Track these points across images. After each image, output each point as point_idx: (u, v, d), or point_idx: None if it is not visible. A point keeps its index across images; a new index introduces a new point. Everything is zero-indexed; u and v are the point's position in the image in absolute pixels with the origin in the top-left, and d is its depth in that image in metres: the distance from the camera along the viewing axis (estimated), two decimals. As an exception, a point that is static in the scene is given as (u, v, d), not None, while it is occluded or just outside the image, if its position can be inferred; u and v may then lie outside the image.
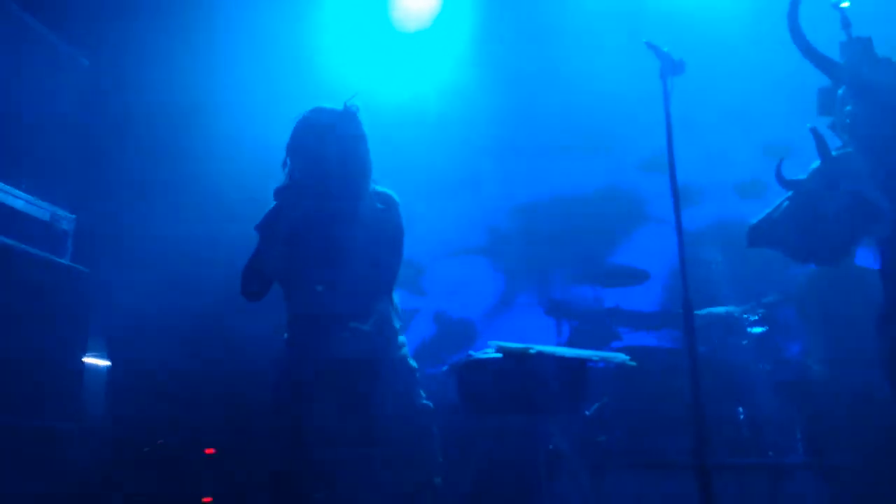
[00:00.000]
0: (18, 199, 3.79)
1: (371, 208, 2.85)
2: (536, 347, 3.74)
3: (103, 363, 4.84)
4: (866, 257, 3.43)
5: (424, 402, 2.92)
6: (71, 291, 3.89)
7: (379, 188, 2.95)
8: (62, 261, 3.94)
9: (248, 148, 4.65)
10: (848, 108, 2.69)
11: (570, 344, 5.35)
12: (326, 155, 2.82)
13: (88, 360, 4.65)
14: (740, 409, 4.32)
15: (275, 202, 2.87)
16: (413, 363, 2.96)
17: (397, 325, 2.95)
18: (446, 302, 6.27)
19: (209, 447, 4.48)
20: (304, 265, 2.83)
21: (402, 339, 2.96)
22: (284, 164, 2.90)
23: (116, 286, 4.60)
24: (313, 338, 2.81)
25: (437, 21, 5.37)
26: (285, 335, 2.92)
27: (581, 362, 3.84)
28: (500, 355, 3.75)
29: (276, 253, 2.81)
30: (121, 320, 4.72)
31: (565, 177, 6.06)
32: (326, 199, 2.85)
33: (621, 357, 3.87)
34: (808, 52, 2.75)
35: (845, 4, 2.76)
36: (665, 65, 2.81)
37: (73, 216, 4.18)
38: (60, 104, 4.31)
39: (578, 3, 5.03)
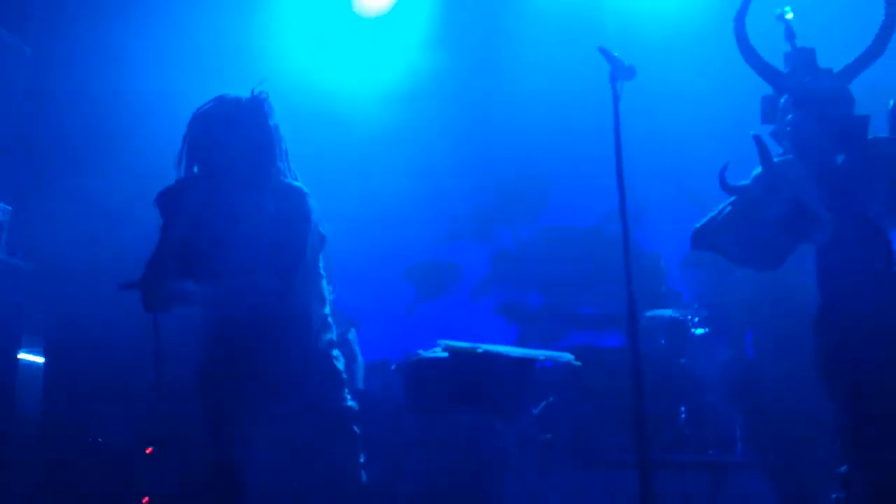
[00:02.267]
0: (-48, 191, 3.66)
1: (276, 201, 2.67)
2: (484, 347, 3.76)
3: (39, 360, 4.70)
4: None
5: (349, 404, 2.82)
6: (5, 286, 3.77)
7: (290, 181, 2.78)
8: (-4, 254, 3.81)
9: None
10: (789, 116, 2.76)
11: (518, 343, 5.38)
12: (224, 146, 2.66)
13: (23, 356, 4.52)
14: (682, 408, 4.40)
15: (176, 186, 2.70)
16: (338, 364, 2.83)
17: (322, 314, 2.81)
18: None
19: (148, 446, 4.39)
20: (207, 257, 2.65)
21: (327, 337, 2.82)
22: (179, 160, 2.73)
23: (53, 281, 4.47)
24: (230, 353, 2.68)
25: (397, 6, 5.37)
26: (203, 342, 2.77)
27: (528, 362, 3.86)
28: (447, 354, 3.75)
29: (179, 237, 2.64)
30: (57, 316, 4.59)
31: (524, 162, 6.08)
32: (225, 191, 2.68)
33: (567, 356, 3.90)
34: (753, 60, 2.82)
35: (790, 16, 2.83)
36: (615, 69, 2.84)
37: (10, 208, 4.06)
38: (0, 93, 4.17)
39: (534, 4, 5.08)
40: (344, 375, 2.85)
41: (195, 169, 2.73)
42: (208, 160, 2.70)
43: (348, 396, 2.83)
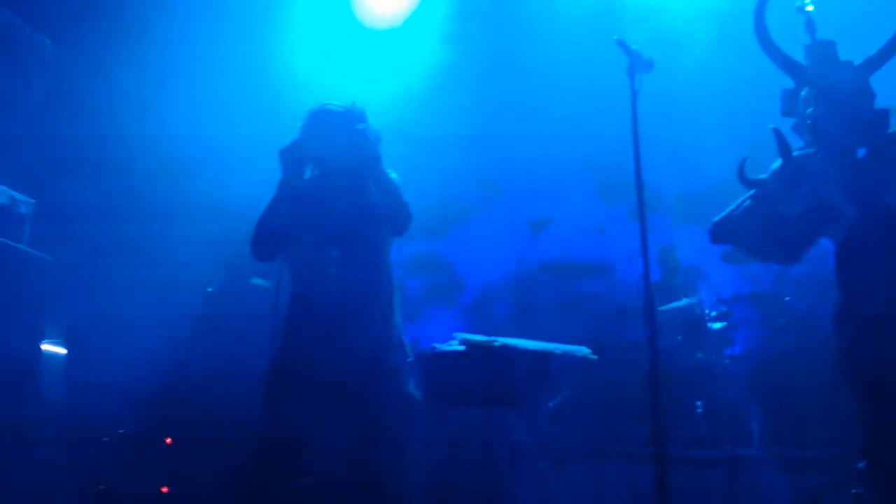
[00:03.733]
0: (-25, 183, 3.71)
1: (377, 191, 2.99)
2: (500, 340, 3.76)
3: (62, 351, 4.75)
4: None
5: (413, 390, 2.99)
6: (28, 277, 3.81)
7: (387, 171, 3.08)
8: (20, 246, 3.86)
9: (213, 142, 4.62)
10: (810, 109, 2.73)
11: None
12: (339, 142, 3.00)
13: (46, 347, 4.57)
14: (698, 403, 4.39)
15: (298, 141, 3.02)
16: (407, 349, 3.03)
17: (397, 310, 3.00)
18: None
19: (168, 437, 4.44)
20: (313, 232, 2.96)
21: (398, 319, 3.01)
22: (294, 155, 3.02)
23: (76, 272, 4.52)
24: (317, 337, 2.84)
25: (410, 20, 5.37)
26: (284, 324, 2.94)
27: (544, 355, 3.86)
28: (463, 347, 3.76)
29: (282, 219, 2.95)
30: (80, 307, 4.64)
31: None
32: (333, 179, 3.00)
33: (583, 350, 3.90)
34: (773, 53, 2.79)
35: (810, 8, 2.81)
36: (633, 62, 2.83)
37: (33, 201, 4.10)
38: (23, 86, 4.22)
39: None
40: (410, 360, 3.05)
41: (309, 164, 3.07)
42: (323, 154, 3.03)
43: (411, 382, 3.00)
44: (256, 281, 4.54)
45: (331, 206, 2.99)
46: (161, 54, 4.84)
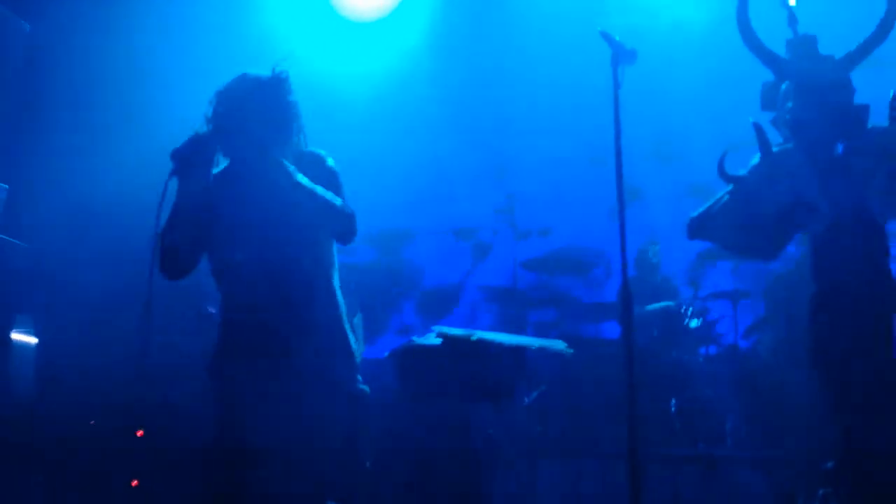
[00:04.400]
0: (-53, 166, 3.64)
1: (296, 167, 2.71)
2: (478, 334, 3.74)
3: (32, 340, 4.68)
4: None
5: (361, 386, 2.84)
6: (0, 264, 3.75)
7: (311, 149, 2.84)
8: (-9, 230, 3.79)
9: (190, 123, 4.54)
10: (790, 103, 2.74)
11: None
12: (248, 121, 2.69)
13: (16, 336, 4.50)
14: (672, 401, 4.39)
15: (194, 137, 2.68)
16: (353, 345, 2.85)
17: (339, 295, 2.82)
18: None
19: (139, 429, 4.37)
20: (226, 225, 2.68)
21: (342, 310, 2.82)
22: (202, 133, 2.71)
23: (48, 259, 4.45)
24: (250, 328, 2.66)
25: (396, 11, 5.36)
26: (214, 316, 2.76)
27: (521, 349, 3.85)
28: (440, 341, 3.74)
29: (199, 200, 2.65)
30: (51, 295, 4.57)
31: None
32: (245, 162, 2.72)
33: (560, 345, 3.89)
34: (755, 45, 2.80)
35: (792, 2, 2.81)
36: (617, 53, 2.82)
37: (6, 186, 4.04)
38: (-1, 71, 4.16)
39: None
40: (357, 357, 2.86)
41: (217, 143, 2.73)
42: (230, 133, 2.71)
43: (360, 378, 2.83)
44: None
45: (247, 204, 2.67)
46: (140, 40, 4.77)
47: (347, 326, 2.83)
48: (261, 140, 2.69)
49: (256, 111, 2.70)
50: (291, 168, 2.65)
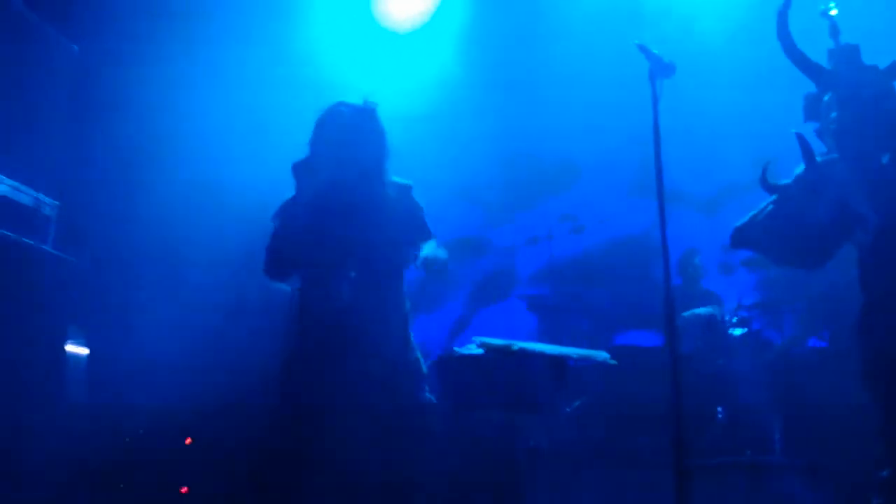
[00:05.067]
0: (2, 185, 3.75)
1: (388, 197, 2.93)
2: (519, 344, 3.75)
3: (83, 351, 4.81)
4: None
5: (427, 395, 2.96)
6: (52, 278, 3.86)
7: (395, 179, 3.01)
8: (44, 247, 3.91)
9: (236, 141, 4.64)
10: (833, 114, 2.71)
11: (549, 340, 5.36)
12: (347, 146, 2.89)
13: (70, 347, 4.63)
14: (719, 409, 4.35)
15: (293, 191, 2.91)
16: (419, 356, 2.98)
17: (408, 315, 2.97)
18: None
19: (188, 436, 4.46)
20: (325, 254, 2.86)
21: (411, 339, 2.96)
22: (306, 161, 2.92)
23: (98, 274, 4.57)
24: (328, 353, 2.80)
25: (431, 22, 5.39)
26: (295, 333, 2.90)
27: (563, 360, 3.85)
28: (482, 351, 3.76)
29: (296, 240, 2.86)
30: (102, 308, 4.69)
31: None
32: (345, 188, 2.89)
33: (602, 355, 3.88)
34: (797, 57, 2.77)
35: (834, 12, 2.78)
36: (655, 67, 2.80)
37: (57, 203, 4.15)
38: (49, 90, 4.27)
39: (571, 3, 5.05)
40: (424, 368, 2.99)
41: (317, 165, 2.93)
42: (334, 159, 2.90)
43: (427, 387, 2.97)
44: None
45: (347, 224, 2.87)
46: (185, 58, 4.88)
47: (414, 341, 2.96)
48: (364, 166, 2.88)
49: (357, 139, 2.91)
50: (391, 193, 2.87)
